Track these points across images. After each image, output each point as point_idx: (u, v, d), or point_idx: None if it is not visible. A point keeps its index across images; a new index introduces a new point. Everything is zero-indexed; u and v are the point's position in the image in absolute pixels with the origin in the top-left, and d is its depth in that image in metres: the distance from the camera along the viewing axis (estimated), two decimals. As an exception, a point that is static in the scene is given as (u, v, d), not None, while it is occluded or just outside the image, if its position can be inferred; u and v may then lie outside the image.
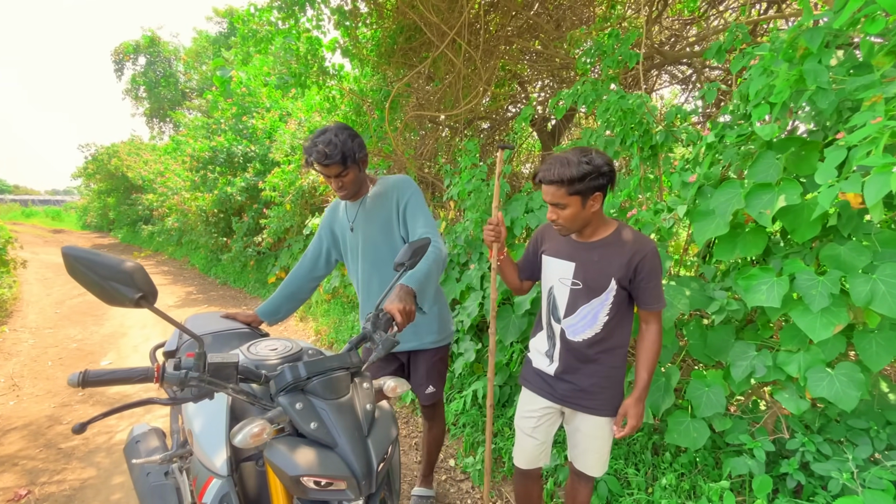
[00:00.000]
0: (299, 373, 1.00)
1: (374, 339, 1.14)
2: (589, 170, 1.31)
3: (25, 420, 3.12)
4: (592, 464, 1.58)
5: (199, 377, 0.90)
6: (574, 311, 1.48)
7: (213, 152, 7.91)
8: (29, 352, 4.53)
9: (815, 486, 1.76)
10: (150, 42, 18.09)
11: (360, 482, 0.94)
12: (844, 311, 1.40)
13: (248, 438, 0.88)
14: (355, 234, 1.82)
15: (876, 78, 1.12)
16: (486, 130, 5.91)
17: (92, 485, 2.42)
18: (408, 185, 1.79)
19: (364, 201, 1.81)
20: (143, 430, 1.85)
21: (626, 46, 2.75)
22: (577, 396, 1.52)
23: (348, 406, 1.02)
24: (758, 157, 1.57)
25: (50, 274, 8.92)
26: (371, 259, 1.81)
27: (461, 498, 2.36)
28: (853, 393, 1.48)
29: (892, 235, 1.46)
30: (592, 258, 1.44)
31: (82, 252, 0.81)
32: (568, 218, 1.39)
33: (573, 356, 1.50)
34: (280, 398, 0.99)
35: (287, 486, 0.93)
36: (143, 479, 1.66)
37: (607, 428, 1.54)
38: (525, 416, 1.64)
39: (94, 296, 0.84)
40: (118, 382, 0.88)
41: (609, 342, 1.48)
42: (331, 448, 0.96)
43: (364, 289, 1.87)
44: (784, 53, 1.41)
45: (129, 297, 0.84)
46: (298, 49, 4.32)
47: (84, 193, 21.68)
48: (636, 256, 1.38)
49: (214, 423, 1.10)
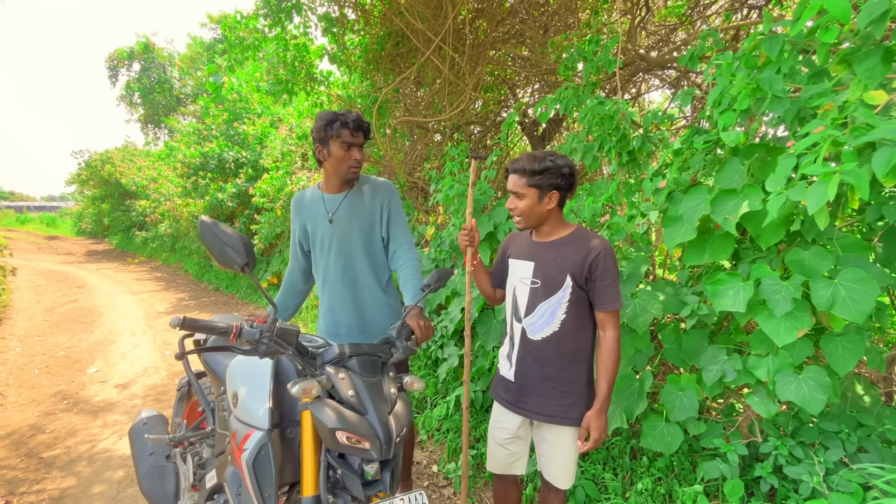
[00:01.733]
0: (344, 350, 1.22)
1: (395, 345, 1.37)
2: (549, 166, 1.44)
3: (8, 429, 3.10)
4: (556, 474, 1.57)
5: (270, 337, 1.10)
6: (533, 309, 1.52)
7: (204, 158, 7.91)
8: (16, 360, 4.51)
9: (788, 489, 1.77)
10: (144, 48, 18.09)
11: (382, 446, 1.11)
12: (807, 315, 1.41)
13: (302, 391, 1.09)
14: (333, 225, 1.80)
15: (828, 86, 1.14)
16: (476, 135, 5.94)
17: (71, 494, 2.41)
18: (394, 191, 1.90)
19: (348, 195, 1.82)
20: (150, 414, 2.04)
21: (607, 53, 2.78)
22: (538, 405, 1.52)
23: (378, 385, 1.22)
24: (724, 164, 1.59)
25: (42, 281, 8.87)
26: (346, 253, 1.81)
27: (443, 503, 2.36)
28: (820, 396, 1.49)
29: (854, 240, 1.48)
30: (549, 256, 1.50)
31: (212, 221, 1.10)
32: (524, 209, 1.48)
33: (532, 356, 1.53)
34: (326, 368, 1.19)
35: (324, 436, 1.11)
36: (145, 458, 1.86)
37: (571, 439, 1.53)
38: (497, 427, 1.66)
39: (211, 257, 1.10)
40: (206, 331, 1.07)
41: (567, 344, 1.49)
42: (362, 414, 1.14)
43: (333, 281, 1.83)
44: (745, 61, 1.42)
45: (238, 262, 1.08)
46: (286, 56, 4.34)
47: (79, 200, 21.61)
48: (590, 254, 1.43)
49: (259, 388, 1.28)
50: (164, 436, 1.88)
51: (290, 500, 1.28)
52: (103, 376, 4.12)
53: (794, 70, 1.33)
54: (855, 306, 1.32)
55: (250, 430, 1.22)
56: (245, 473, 1.17)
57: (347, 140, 1.70)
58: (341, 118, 1.69)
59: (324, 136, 1.71)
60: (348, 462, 1.16)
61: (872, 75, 1.11)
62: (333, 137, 1.70)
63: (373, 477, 1.13)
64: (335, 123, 1.69)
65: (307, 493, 1.11)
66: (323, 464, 1.15)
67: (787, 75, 1.33)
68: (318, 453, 1.16)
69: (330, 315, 1.89)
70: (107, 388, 3.83)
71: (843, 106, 1.10)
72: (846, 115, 1.06)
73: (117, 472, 2.61)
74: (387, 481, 1.17)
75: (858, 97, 1.02)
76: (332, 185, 1.83)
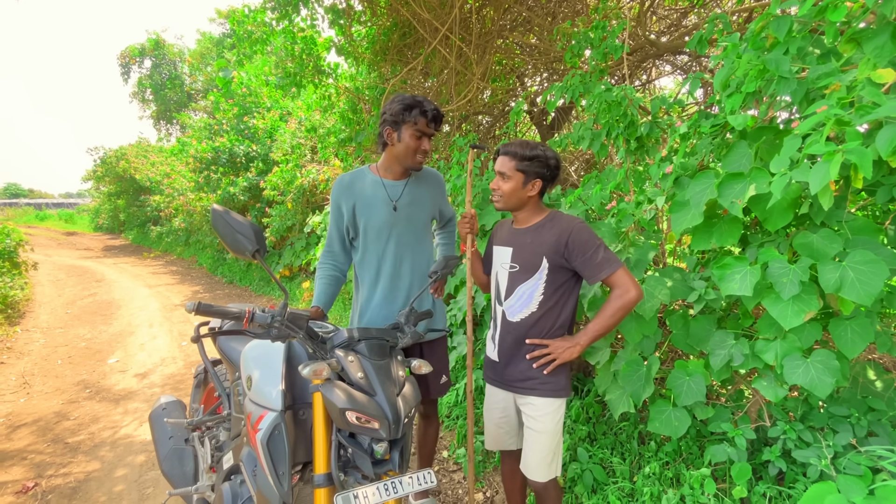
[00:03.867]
0: (353, 335, 1.27)
1: (404, 330, 1.42)
2: (539, 155, 1.53)
3: (35, 416, 3.23)
4: (532, 463, 1.56)
5: (281, 321, 1.14)
6: (512, 292, 1.59)
7: (215, 153, 8.01)
8: (40, 351, 4.66)
9: (796, 472, 1.78)
10: (155, 45, 18.27)
11: (390, 425, 1.14)
12: (815, 298, 1.40)
13: (312, 372, 1.13)
14: (398, 213, 1.74)
15: (835, 66, 1.12)
16: (484, 125, 5.92)
17: (96, 477, 2.51)
18: (443, 182, 1.93)
19: (408, 182, 1.78)
20: (169, 400, 2.15)
21: (613, 39, 2.75)
22: (520, 379, 1.58)
23: (386, 368, 1.26)
24: (732, 147, 1.58)
25: (62, 275, 9.12)
26: (407, 244, 1.78)
27: (453, 488, 2.40)
28: (828, 380, 1.49)
29: (865, 223, 1.46)
30: (526, 241, 1.57)
31: (223, 209, 1.13)
32: (507, 190, 1.56)
33: (512, 337, 1.59)
34: (336, 351, 1.24)
35: (334, 416, 1.15)
36: (164, 441, 1.94)
37: (549, 416, 1.53)
38: (490, 407, 1.73)
39: (224, 244, 1.14)
40: (219, 316, 1.10)
41: (545, 323, 1.55)
42: (371, 395, 1.18)
43: (391, 270, 1.78)
44: (753, 43, 1.41)
45: (249, 249, 1.11)
46: (293, 49, 4.36)
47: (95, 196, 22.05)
48: (563, 235, 1.49)
49: (272, 371, 1.32)
50: (183, 420, 1.95)
51: (304, 478, 1.32)
52: (123, 366, 4.24)
53: (802, 51, 1.31)
54: (863, 288, 1.31)
55: (264, 412, 1.27)
56: (260, 452, 1.22)
57: (423, 129, 1.65)
58: (421, 105, 1.63)
59: (398, 119, 1.64)
60: (358, 441, 1.20)
61: (881, 53, 1.09)
62: (409, 123, 1.63)
63: (382, 455, 1.17)
64: (414, 110, 1.62)
65: (319, 471, 1.16)
66: (334, 443, 1.19)
67: (796, 56, 1.31)
68: (330, 433, 1.20)
69: (386, 305, 1.80)
70: (127, 378, 3.95)
71: (850, 85, 1.09)
72: (854, 95, 1.05)
73: (139, 456, 2.71)
74: (396, 460, 1.21)
75: (866, 76, 1.01)
76: (395, 171, 1.76)
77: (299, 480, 1.32)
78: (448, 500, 2.31)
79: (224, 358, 1.86)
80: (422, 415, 2.10)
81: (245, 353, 1.47)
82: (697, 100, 4.05)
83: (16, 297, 6.11)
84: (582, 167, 5.12)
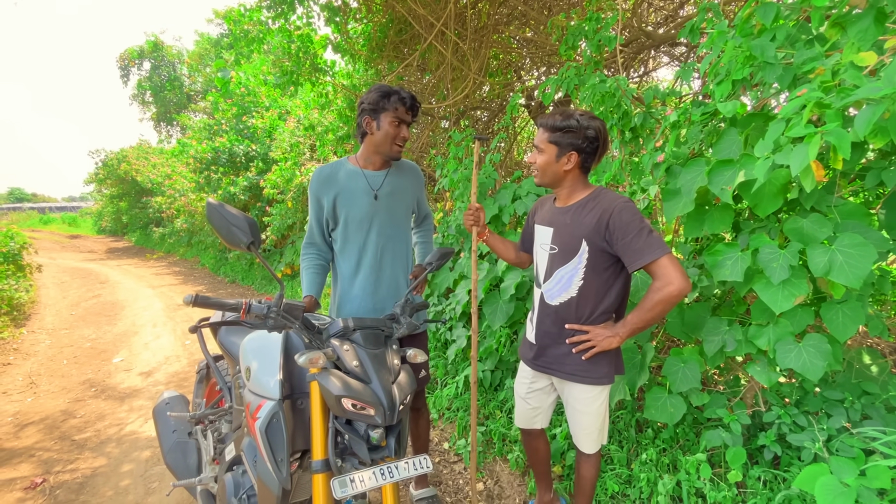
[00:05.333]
0: (348, 324, 1.31)
1: (399, 321, 1.44)
2: (573, 125, 1.42)
3: (42, 415, 3.27)
4: (581, 438, 1.62)
5: (277, 312, 1.17)
6: (551, 275, 1.53)
7: (215, 153, 8.05)
8: (46, 351, 4.71)
9: (791, 456, 1.80)
10: (153, 47, 18.30)
11: (385, 412, 1.17)
12: (805, 282, 1.42)
13: (308, 361, 1.16)
14: (378, 203, 1.76)
15: (820, 51, 1.14)
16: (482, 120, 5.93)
17: (102, 473, 2.55)
18: (421, 174, 1.95)
19: (389, 172, 1.80)
20: (172, 395, 2.21)
21: (607, 30, 2.75)
22: (558, 363, 1.55)
23: (382, 356, 1.29)
24: (722, 134, 1.59)
25: (66, 277, 9.18)
26: (388, 234, 1.79)
27: (454, 478, 2.43)
28: (819, 363, 1.50)
29: (854, 207, 1.48)
30: (566, 221, 1.48)
31: (218, 203, 1.14)
32: (541, 164, 1.50)
33: (550, 320, 1.54)
34: (332, 341, 1.27)
35: (331, 404, 1.18)
36: (168, 435, 2.00)
37: (591, 400, 1.54)
38: (519, 383, 1.76)
39: (220, 237, 1.14)
40: (217, 308, 1.13)
41: (585, 307, 1.48)
42: (366, 383, 1.21)
43: (372, 261, 1.79)
44: (740, 30, 1.42)
45: (244, 241, 1.12)
46: (290, 48, 4.37)
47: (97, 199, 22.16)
48: (605, 214, 1.37)
49: (270, 362, 1.36)
50: (186, 414, 1.99)
51: (303, 465, 1.35)
52: (128, 365, 4.29)
53: (790, 36, 1.32)
54: (852, 271, 1.32)
55: (263, 401, 1.30)
56: (259, 440, 1.25)
57: (401, 116, 1.67)
58: (398, 93, 1.65)
59: (376, 107, 1.65)
60: (355, 428, 1.22)
61: (865, 37, 1.11)
62: (387, 111, 1.65)
63: (378, 441, 1.19)
64: (392, 97, 1.64)
65: (317, 457, 1.18)
66: (331, 430, 1.21)
67: (784, 42, 1.32)
68: (327, 421, 1.22)
69: (369, 296, 1.80)
70: (131, 376, 3.99)
71: (834, 69, 1.10)
72: (838, 79, 1.06)
73: (144, 452, 2.75)
74: (392, 446, 1.24)
75: (849, 60, 1.02)
76: (374, 161, 1.78)
77: (298, 468, 1.35)
78: (449, 489, 2.34)
79: (225, 352, 1.89)
80: (411, 407, 2.12)
81: (244, 345, 1.50)
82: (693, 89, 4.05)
83: (21, 299, 6.16)
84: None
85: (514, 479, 2.34)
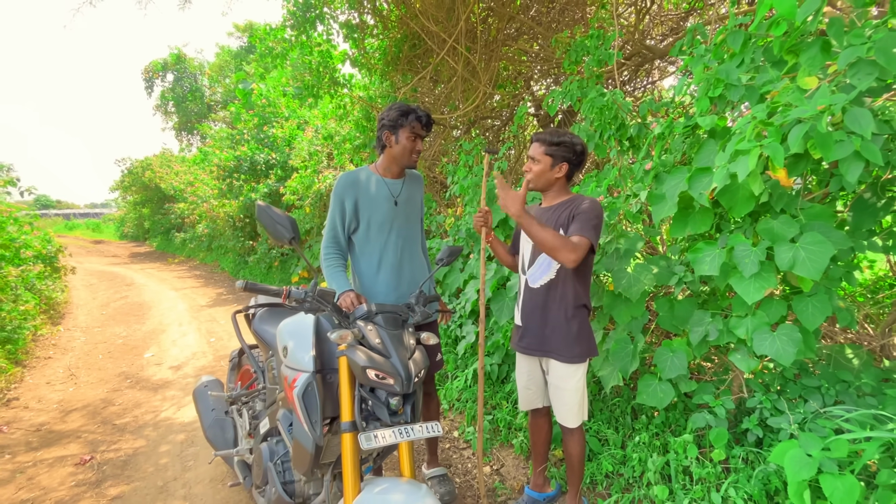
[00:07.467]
0: (372, 309, 1.52)
1: (414, 310, 1.65)
2: (566, 141, 1.77)
3: (84, 402, 3.56)
4: (562, 413, 1.85)
5: (313, 296, 1.41)
6: (534, 261, 1.85)
7: (237, 161, 8.41)
8: (82, 347, 5.04)
9: (772, 438, 1.95)
10: (176, 59, 19.02)
11: (403, 382, 1.36)
12: (773, 276, 1.60)
13: (339, 337, 1.35)
14: (398, 208, 1.96)
15: (776, 75, 1.32)
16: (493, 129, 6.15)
17: (143, 452, 2.80)
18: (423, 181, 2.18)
19: (405, 181, 2.03)
20: (209, 379, 2.53)
21: (607, 47, 2.96)
22: (539, 343, 1.83)
23: (400, 336, 1.49)
24: (702, 145, 1.78)
25: (94, 280, 9.62)
26: (405, 235, 2.01)
27: (462, 463, 2.62)
28: (790, 349, 1.67)
29: (820, 210, 1.65)
30: (548, 216, 1.82)
31: (265, 205, 1.42)
32: (537, 172, 1.81)
33: (533, 302, 1.84)
34: (358, 322, 1.49)
35: (357, 373, 1.38)
36: (208, 413, 2.30)
37: (568, 376, 1.79)
38: (519, 373, 2.02)
39: (266, 233, 1.44)
40: (262, 293, 1.36)
41: (562, 288, 1.78)
42: (387, 357, 1.40)
43: (394, 260, 1.96)
44: (715, 53, 1.61)
45: (286, 237, 1.39)
46: (310, 63, 4.67)
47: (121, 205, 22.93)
48: (575, 209, 1.72)
49: (305, 341, 1.57)
50: (223, 394, 2.24)
51: (332, 430, 1.57)
52: (158, 360, 4.58)
53: (754, 60, 1.51)
54: (812, 265, 1.50)
55: (299, 374, 1.52)
56: (297, 405, 1.47)
57: (417, 132, 1.90)
58: (416, 111, 1.88)
59: (395, 124, 1.87)
60: (377, 395, 1.43)
61: (813, 63, 1.29)
62: (404, 127, 1.87)
63: (396, 408, 1.40)
64: (410, 115, 1.87)
65: (345, 419, 1.40)
66: (357, 397, 1.43)
67: (749, 65, 1.52)
68: (353, 389, 1.44)
69: (390, 293, 1.98)
70: (162, 370, 4.28)
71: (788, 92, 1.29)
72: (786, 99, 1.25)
73: (179, 435, 3.00)
74: (408, 413, 1.44)
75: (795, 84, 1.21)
76: (393, 171, 1.99)
77: (328, 432, 1.57)
78: (458, 472, 2.53)
79: (259, 340, 2.13)
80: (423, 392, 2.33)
81: (281, 328, 1.73)
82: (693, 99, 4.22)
83: (57, 298, 6.54)
84: (590, 166, 5.31)
85: (519, 462, 2.53)
